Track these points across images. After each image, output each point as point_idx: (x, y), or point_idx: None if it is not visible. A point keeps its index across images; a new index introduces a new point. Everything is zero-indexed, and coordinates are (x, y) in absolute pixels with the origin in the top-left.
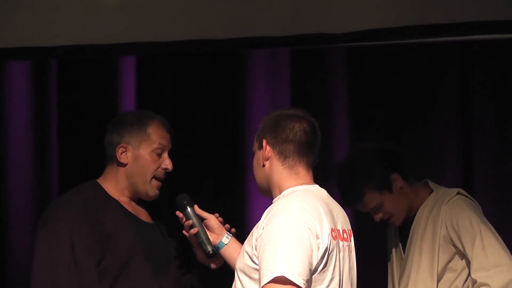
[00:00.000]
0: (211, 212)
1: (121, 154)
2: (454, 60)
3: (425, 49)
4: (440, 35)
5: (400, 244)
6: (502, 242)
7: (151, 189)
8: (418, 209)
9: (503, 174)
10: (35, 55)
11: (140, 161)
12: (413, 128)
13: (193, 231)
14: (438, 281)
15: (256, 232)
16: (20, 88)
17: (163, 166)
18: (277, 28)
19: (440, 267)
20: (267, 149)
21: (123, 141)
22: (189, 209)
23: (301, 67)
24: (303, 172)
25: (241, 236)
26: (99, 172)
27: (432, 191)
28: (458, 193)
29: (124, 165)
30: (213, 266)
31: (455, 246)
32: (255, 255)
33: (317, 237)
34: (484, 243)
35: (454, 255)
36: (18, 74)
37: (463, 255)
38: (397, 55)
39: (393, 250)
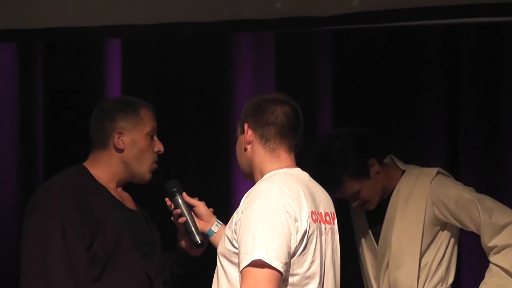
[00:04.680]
0: (197, 196)
1: (118, 139)
2: (440, 43)
3: (411, 33)
4: (426, 18)
5: (369, 227)
6: (497, 201)
7: (148, 173)
8: (390, 191)
9: (489, 160)
10: (21, 37)
11: (137, 145)
12: (398, 112)
13: (181, 220)
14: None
15: (236, 216)
16: (6, 71)
17: (156, 149)
18: (262, 11)
19: (423, 250)
20: (249, 133)
21: (118, 127)
22: (178, 197)
23: (286, 50)
24: (285, 156)
25: (226, 221)
26: (85, 155)
27: (402, 171)
28: (439, 172)
29: (121, 150)
30: (194, 254)
31: (441, 225)
32: (235, 239)
33: (296, 220)
34: (488, 211)
35: (437, 234)
36: (3, 56)
37: (444, 227)
38: (382, 39)
39: (361, 233)
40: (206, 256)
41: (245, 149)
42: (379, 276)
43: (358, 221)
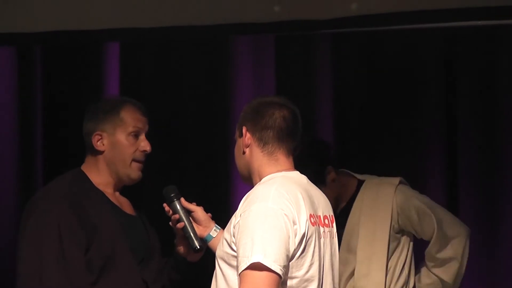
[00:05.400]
0: (195, 201)
1: (97, 142)
2: (438, 46)
3: (410, 36)
4: (425, 22)
5: None
6: (449, 213)
7: (133, 171)
8: (346, 200)
9: (488, 160)
10: (20, 41)
11: (117, 146)
12: (398, 114)
13: (180, 225)
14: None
15: (234, 219)
16: (5, 74)
17: (141, 148)
18: (261, 14)
19: (389, 256)
20: (247, 136)
21: (98, 129)
22: (176, 202)
23: (285, 53)
24: (283, 159)
25: (224, 225)
26: (84, 157)
27: (358, 180)
28: (401, 182)
29: (101, 152)
30: (192, 259)
31: (401, 232)
32: (233, 242)
33: (294, 223)
34: (440, 224)
35: (400, 239)
36: (3, 60)
37: (403, 232)
38: (381, 42)
39: None
40: (205, 261)
41: (244, 152)
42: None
43: None
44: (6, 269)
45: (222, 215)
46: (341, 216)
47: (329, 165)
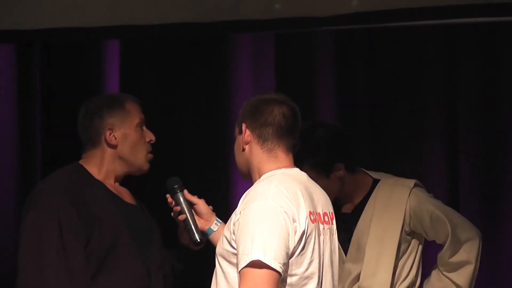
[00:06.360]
0: (196, 195)
1: (110, 135)
2: (439, 43)
3: (410, 33)
4: (425, 19)
5: None
6: (462, 216)
7: (145, 164)
8: (355, 198)
9: (487, 160)
10: (20, 38)
11: (128, 139)
12: (398, 112)
13: (181, 217)
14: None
15: (234, 217)
16: (4, 71)
17: (147, 139)
18: (261, 11)
19: (397, 258)
20: (247, 133)
21: (108, 123)
22: (179, 194)
23: (285, 50)
24: (282, 156)
25: (225, 221)
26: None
27: (373, 179)
28: (416, 185)
29: (114, 146)
30: (194, 248)
31: (412, 234)
32: (233, 239)
33: (294, 221)
34: (453, 228)
35: (410, 242)
36: (2, 57)
37: (414, 234)
38: (382, 39)
39: None
40: (207, 252)
41: (243, 149)
42: (343, 285)
43: None
44: (6, 268)
45: (222, 212)
46: (354, 214)
47: (340, 162)
